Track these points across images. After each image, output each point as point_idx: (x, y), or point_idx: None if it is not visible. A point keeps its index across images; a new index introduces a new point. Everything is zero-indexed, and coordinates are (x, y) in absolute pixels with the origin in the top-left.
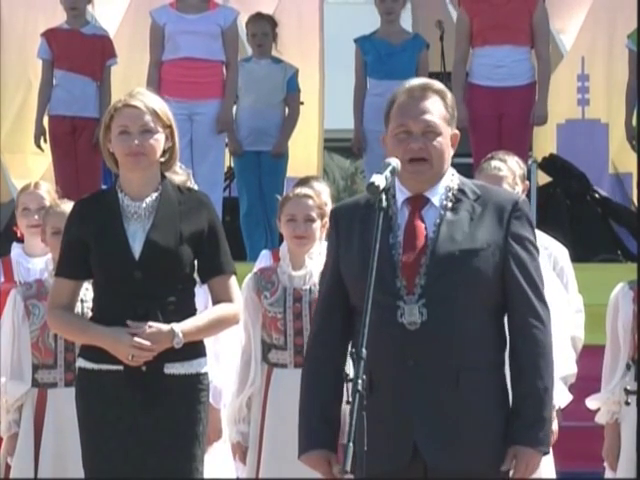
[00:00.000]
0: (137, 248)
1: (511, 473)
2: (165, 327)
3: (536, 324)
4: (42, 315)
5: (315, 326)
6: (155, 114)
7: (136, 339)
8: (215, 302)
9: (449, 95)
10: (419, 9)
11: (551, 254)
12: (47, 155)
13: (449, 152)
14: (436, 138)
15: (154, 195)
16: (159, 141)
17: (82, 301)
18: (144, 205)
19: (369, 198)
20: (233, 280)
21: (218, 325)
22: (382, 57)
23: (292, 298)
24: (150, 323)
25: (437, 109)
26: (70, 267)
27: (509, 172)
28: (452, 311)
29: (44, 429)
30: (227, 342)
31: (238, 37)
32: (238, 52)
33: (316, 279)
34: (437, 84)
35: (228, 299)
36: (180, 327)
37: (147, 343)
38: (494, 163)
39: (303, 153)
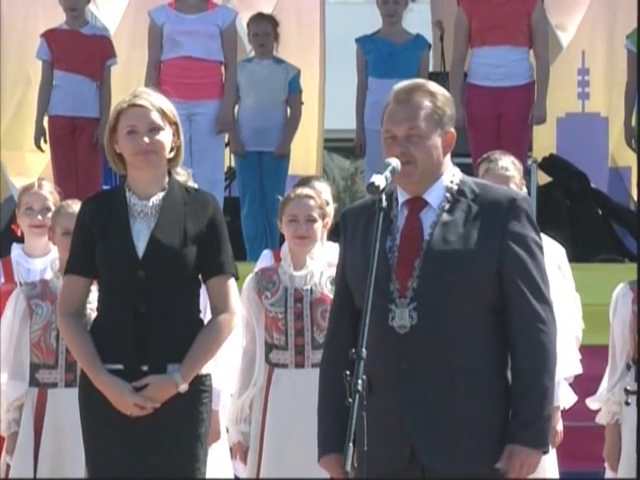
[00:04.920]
0: (141, 247)
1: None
2: (166, 380)
3: (538, 325)
4: (45, 315)
5: (329, 329)
6: (161, 111)
7: (138, 399)
8: (211, 304)
9: (440, 95)
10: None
11: (550, 253)
12: (45, 153)
13: (439, 152)
14: (420, 141)
15: (161, 194)
16: (167, 138)
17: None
18: (150, 204)
19: (375, 200)
20: (232, 282)
21: (216, 348)
22: (384, 55)
23: (293, 298)
24: (150, 378)
25: (422, 111)
26: (83, 263)
27: (516, 172)
28: (443, 314)
29: (44, 429)
30: (226, 343)
31: (237, 37)
32: (237, 52)
33: (317, 279)
34: (427, 85)
35: (224, 303)
36: (181, 373)
37: (149, 403)
38: (501, 163)
39: (303, 153)
